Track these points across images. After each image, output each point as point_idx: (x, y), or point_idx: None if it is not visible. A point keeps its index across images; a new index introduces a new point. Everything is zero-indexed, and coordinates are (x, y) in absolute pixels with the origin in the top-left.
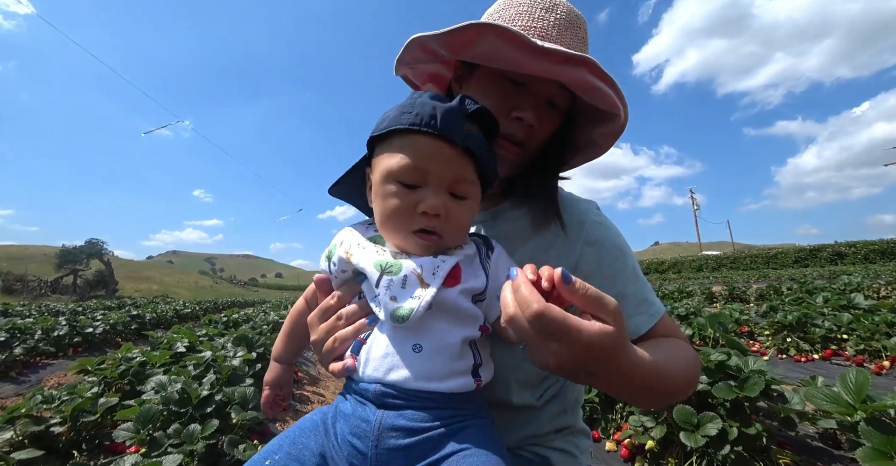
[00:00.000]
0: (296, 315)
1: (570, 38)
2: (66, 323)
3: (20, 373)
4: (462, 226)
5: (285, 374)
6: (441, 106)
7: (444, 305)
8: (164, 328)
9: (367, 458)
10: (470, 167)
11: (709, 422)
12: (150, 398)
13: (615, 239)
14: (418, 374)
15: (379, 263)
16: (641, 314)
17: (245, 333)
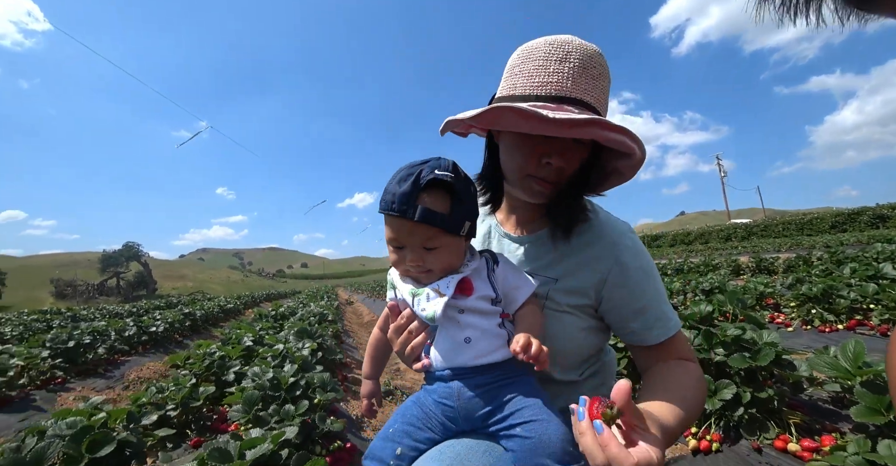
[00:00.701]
0: (374, 342)
1: (584, 83)
2: (133, 323)
3: (106, 370)
4: (443, 264)
5: (375, 387)
6: (399, 191)
7: (472, 308)
8: (213, 324)
9: (456, 409)
10: (430, 230)
11: (724, 388)
12: (247, 385)
13: (642, 261)
14: (472, 356)
15: (411, 291)
16: (659, 328)
17: (304, 327)
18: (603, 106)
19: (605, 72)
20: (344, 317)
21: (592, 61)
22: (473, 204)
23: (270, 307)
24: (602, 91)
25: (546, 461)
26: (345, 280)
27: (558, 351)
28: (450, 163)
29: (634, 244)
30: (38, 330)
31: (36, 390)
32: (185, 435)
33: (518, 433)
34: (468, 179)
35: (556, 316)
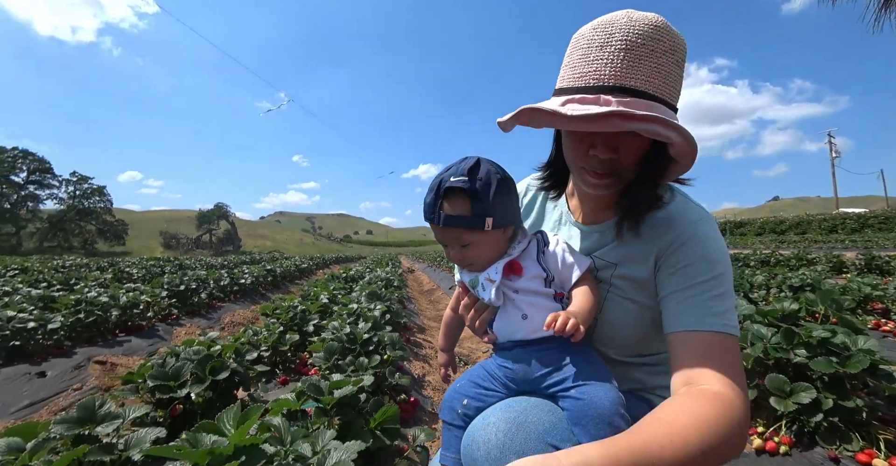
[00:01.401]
0: (448, 320)
1: (628, 67)
2: (227, 275)
3: (206, 312)
4: (480, 257)
5: (450, 358)
6: (427, 201)
7: (526, 289)
8: (289, 281)
9: (514, 371)
10: (456, 231)
11: (802, 391)
12: (327, 337)
13: (706, 249)
14: (529, 331)
15: (470, 281)
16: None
17: (374, 290)
18: (658, 86)
19: (658, 47)
20: (406, 285)
21: (640, 39)
22: (495, 200)
23: (340, 269)
24: (655, 70)
25: (597, 420)
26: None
27: (616, 335)
28: (468, 166)
29: (705, 232)
30: (155, 274)
31: (158, 323)
32: (274, 374)
33: (572, 394)
34: (489, 176)
35: (617, 300)
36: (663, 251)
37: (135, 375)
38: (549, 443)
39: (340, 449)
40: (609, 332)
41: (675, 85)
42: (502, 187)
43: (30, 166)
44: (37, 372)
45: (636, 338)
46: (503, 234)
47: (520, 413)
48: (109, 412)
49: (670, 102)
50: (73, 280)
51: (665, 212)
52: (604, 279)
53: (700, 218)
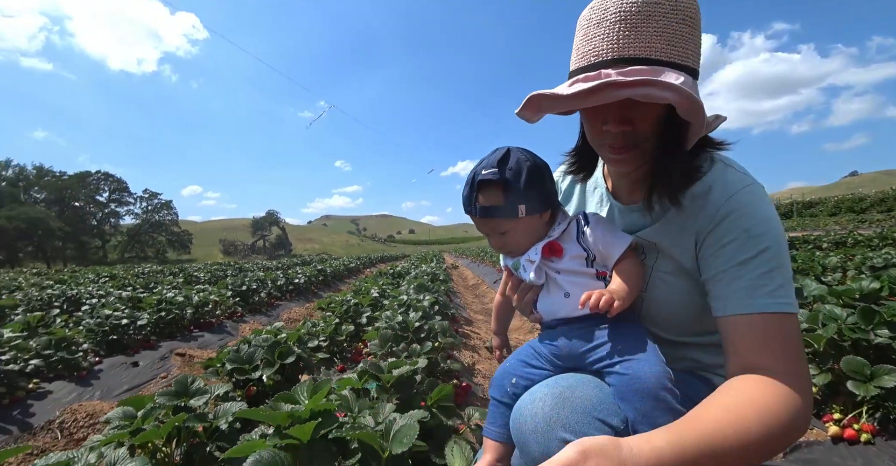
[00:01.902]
0: (498, 305)
1: (626, 37)
2: (283, 275)
3: (266, 310)
4: (518, 243)
5: (503, 340)
6: (464, 195)
7: (567, 269)
8: (339, 279)
9: (559, 348)
10: (492, 221)
11: (885, 374)
12: (381, 325)
13: (750, 222)
14: (572, 309)
15: (513, 264)
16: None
17: (422, 283)
18: (661, 49)
19: (657, 10)
20: (451, 280)
21: (634, 7)
22: (527, 187)
23: (386, 267)
24: (655, 34)
25: (642, 395)
26: (449, 245)
27: (665, 315)
28: (497, 157)
29: (747, 201)
30: (219, 277)
31: (226, 319)
32: (332, 362)
33: (617, 369)
34: (519, 165)
35: (662, 280)
36: (703, 228)
37: (214, 360)
38: (596, 417)
39: (404, 417)
40: (658, 312)
41: (684, 44)
42: (533, 174)
43: (111, 186)
44: (131, 362)
45: (686, 318)
46: (539, 219)
47: (566, 388)
48: (199, 388)
49: (681, 63)
50: (151, 284)
51: (702, 185)
52: (646, 258)
53: (742, 186)
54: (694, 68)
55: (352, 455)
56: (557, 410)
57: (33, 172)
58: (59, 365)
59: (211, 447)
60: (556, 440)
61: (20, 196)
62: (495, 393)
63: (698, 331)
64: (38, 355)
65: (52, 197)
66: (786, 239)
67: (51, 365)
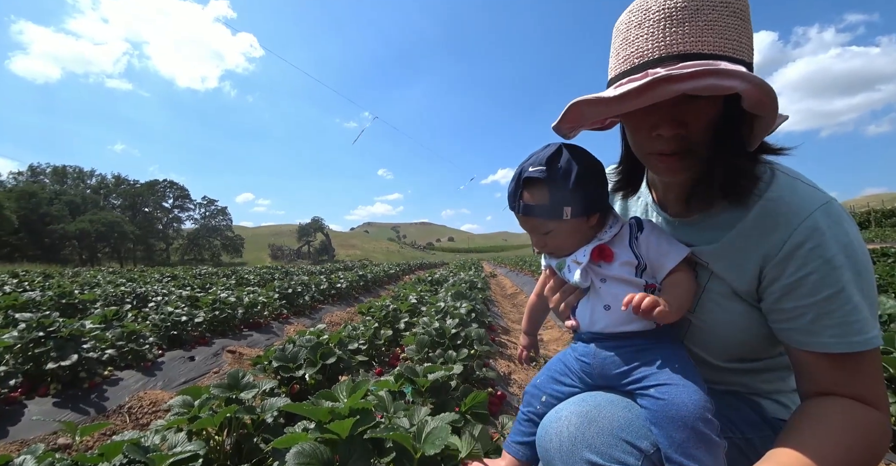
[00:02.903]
0: (532, 304)
1: (673, 34)
2: (326, 280)
3: (310, 312)
4: (560, 244)
5: (532, 340)
6: (509, 191)
7: (614, 277)
8: (379, 285)
9: (591, 366)
10: (535, 220)
11: None
12: (418, 331)
13: (830, 251)
14: (610, 324)
15: (557, 265)
16: (833, 336)
17: (460, 290)
18: (712, 42)
19: (704, 4)
20: (489, 288)
21: (680, 3)
22: (575, 188)
23: (425, 274)
24: (705, 28)
25: (678, 423)
26: (488, 254)
27: (713, 340)
28: (546, 155)
29: (826, 225)
30: (267, 279)
31: (272, 320)
32: (371, 365)
33: (652, 393)
34: (569, 164)
35: (713, 303)
36: (771, 255)
37: (262, 358)
38: (623, 439)
39: (436, 419)
40: (706, 337)
41: (737, 38)
42: (584, 174)
43: (175, 193)
44: (188, 356)
45: (739, 344)
46: (586, 222)
47: (593, 408)
48: (249, 382)
49: (735, 57)
50: (207, 284)
51: (766, 202)
52: (698, 277)
53: (817, 205)
54: (749, 63)
55: (387, 454)
56: (583, 430)
57: (112, 181)
58: (129, 355)
59: (258, 438)
60: (581, 461)
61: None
62: (524, 408)
63: (749, 357)
64: (112, 345)
65: (127, 203)
66: (871, 265)
67: (122, 355)
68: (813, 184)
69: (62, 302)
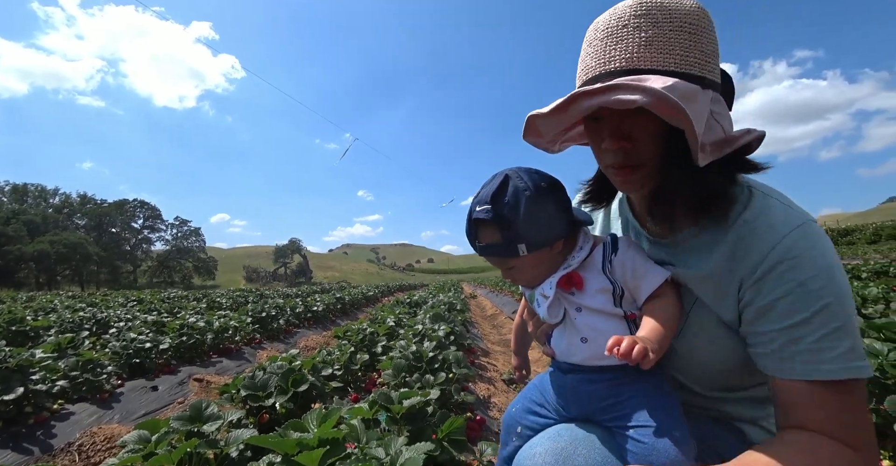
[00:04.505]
0: (517, 326)
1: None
2: (301, 303)
3: (284, 337)
4: (529, 278)
5: (522, 361)
6: (466, 230)
7: (590, 307)
8: (357, 308)
9: (568, 399)
10: (497, 258)
11: None
12: (395, 355)
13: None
14: (588, 357)
15: (530, 296)
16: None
17: (438, 312)
18: (648, 57)
19: (644, 22)
20: (469, 310)
21: (620, 22)
22: (526, 222)
23: (404, 296)
24: (642, 44)
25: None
26: (468, 275)
27: (696, 368)
28: (491, 192)
29: (802, 247)
30: (240, 303)
31: (244, 346)
32: (346, 391)
33: (633, 435)
34: (517, 196)
35: (695, 330)
36: (747, 277)
37: (230, 386)
38: None
39: (411, 449)
40: (688, 365)
41: (681, 52)
42: (533, 206)
43: (145, 213)
44: (151, 385)
45: (723, 373)
46: (549, 252)
47: (568, 444)
48: (213, 413)
49: (674, 70)
50: (176, 308)
51: (745, 225)
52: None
53: (793, 227)
54: (697, 75)
55: None
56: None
57: (77, 200)
58: (84, 386)
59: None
60: None
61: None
62: (503, 439)
63: (733, 386)
64: (65, 376)
65: (92, 223)
66: (850, 290)
67: (76, 387)
68: (790, 203)
69: (12, 330)
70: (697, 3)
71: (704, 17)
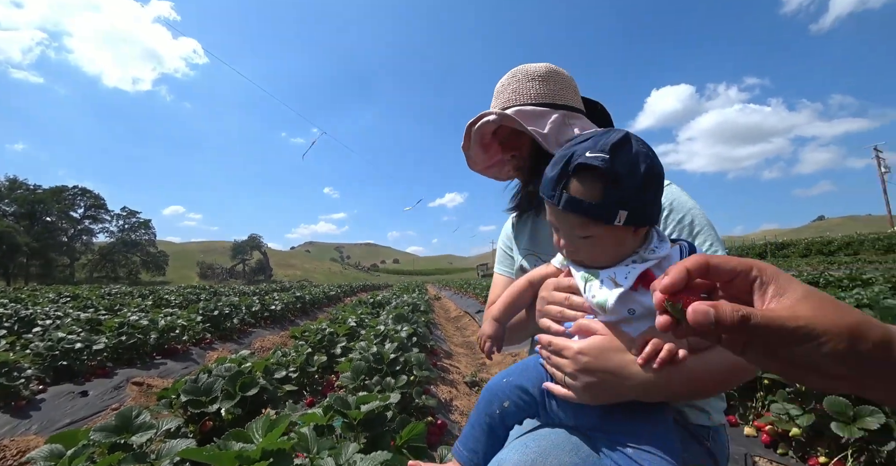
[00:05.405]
0: (518, 289)
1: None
2: (258, 301)
3: (238, 337)
4: (596, 255)
5: (501, 331)
6: (549, 175)
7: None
8: (318, 307)
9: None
10: (578, 218)
11: (868, 416)
12: (354, 357)
13: (679, 213)
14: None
15: (583, 276)
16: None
17: (401, 313)
18: (513, 99)
19: (513, 80)
20: (432, 311)
21: (500, 86)
22: (638, 189)
23: (367, 296)
24: (510, 94)
25: None
26: (433, 277)
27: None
28: (612, 141)
29: (676, 194)
30: (191, 300)
31: (193, 346)
32: (302, 395)
33: (629, 453)
34: (637, 158)
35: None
36: None
37: (169, 391)
38: None
39: (366, 460)
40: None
41: (534, 92)
42: (650, 175)
43: (86, 203)
44: (80, 391)
45: None
46: (634, 234)
47: (539, 455)
48: (145, 422)
49: (530, 102)
50: (117, 306)
51: None
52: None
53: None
54: (549, 103)
55: None
56: None
57: (6, 184)
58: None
59: None
60: None
61: None
62: (482, 409)
63: None
64: None
65: (23, 210)
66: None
67: None
68: None
69: None
70: (548, 64)
71: (552, 71)
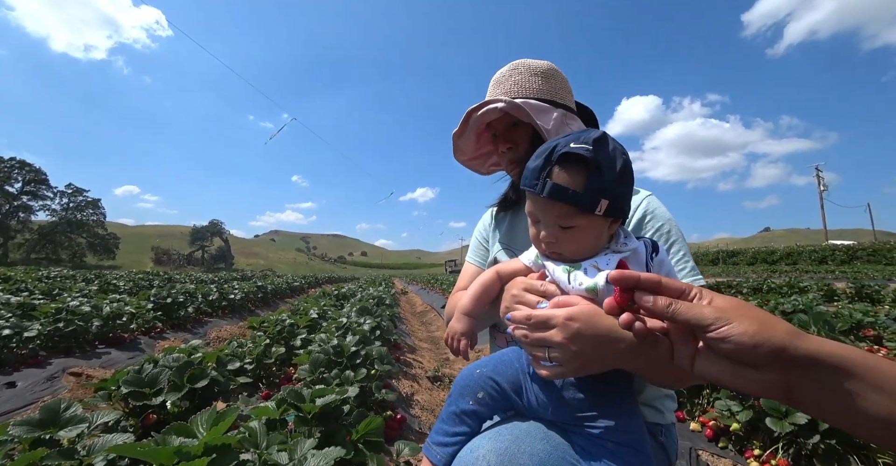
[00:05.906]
0: (487, 282)
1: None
2: (217, 290)
3: (193, 326)
4: (576, 246)
5: (471, 327)
6: (532, 166)
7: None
8: (280, 298)
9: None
10: (562, 207)
11: (798, 412)
12: (314, 349)
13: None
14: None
15: (565, 269)
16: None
17: (365, 306)
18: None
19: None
20: (398, 305)
21: (504, 73)
22: (618, 181)
23: (332, 288)
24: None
25: None
26: (401, 271)
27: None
28: (594, 136)
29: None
30: (143, 287)
31: (141, 335)
32: (258, 387)
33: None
34: (615, 153)
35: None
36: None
37: (108, 382)
38: None
39: (318, 456)
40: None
41: (538, 87)
42: (625, 170)
43: (25, 177)
44: (6, 382)
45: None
46: (609, 228)
47: (511, 442)
48: (75, 416)
49: (531, 96)
50: (56, 290)
51: None
52: None
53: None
54: (549, 100)
55: None
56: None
57: None
58: None
59: None
60: None
61: None
62: (453, 401)
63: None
64: None
65: None
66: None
67: None
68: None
69: None
70: (549, 62)
71: (553, 70)
